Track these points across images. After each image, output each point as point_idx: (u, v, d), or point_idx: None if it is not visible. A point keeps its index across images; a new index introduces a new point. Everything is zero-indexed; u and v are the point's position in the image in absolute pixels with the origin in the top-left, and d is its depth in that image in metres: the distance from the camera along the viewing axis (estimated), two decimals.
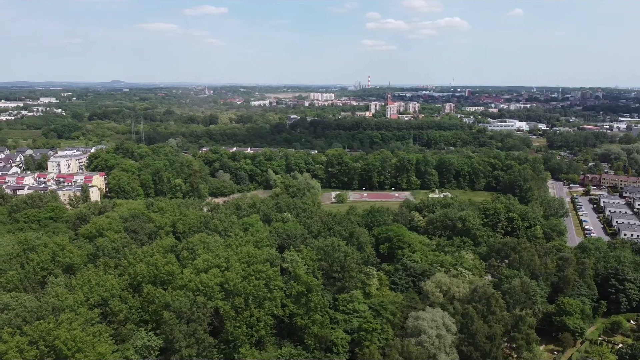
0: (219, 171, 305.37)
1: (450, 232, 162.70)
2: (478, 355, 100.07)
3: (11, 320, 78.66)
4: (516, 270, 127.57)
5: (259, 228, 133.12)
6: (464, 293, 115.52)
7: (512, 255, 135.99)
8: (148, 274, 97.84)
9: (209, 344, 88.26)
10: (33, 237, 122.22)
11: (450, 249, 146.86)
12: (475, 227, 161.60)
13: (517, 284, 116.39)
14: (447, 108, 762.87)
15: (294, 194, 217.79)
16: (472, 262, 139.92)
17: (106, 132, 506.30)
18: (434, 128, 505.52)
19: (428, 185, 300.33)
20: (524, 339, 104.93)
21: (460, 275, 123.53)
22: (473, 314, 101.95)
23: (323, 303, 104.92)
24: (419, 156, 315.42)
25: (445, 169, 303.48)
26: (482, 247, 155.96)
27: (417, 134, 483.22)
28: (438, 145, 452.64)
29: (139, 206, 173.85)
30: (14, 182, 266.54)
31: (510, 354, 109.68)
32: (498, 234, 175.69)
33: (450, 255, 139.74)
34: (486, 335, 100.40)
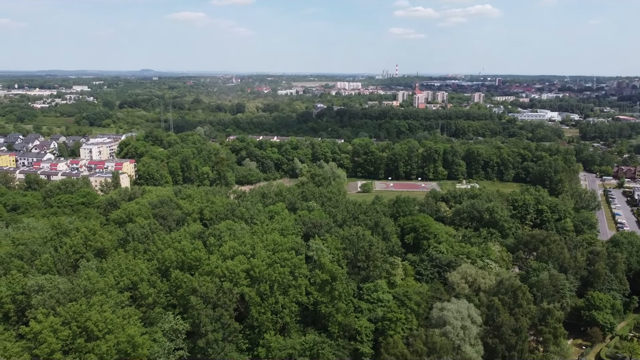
0: (245, 159, 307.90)
1: (477, 224, 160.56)
2: (503, 347, 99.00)
3: (45, 301, 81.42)
4: (544, 263, 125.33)
5: (284, 216, 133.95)
6: (490, 285, 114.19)
7: (541, 248, 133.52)
8: (176, 260, 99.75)
9: (234, 328, 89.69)
10: (66, 221, 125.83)
11: (476, 240, 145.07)
12: (503, 219, 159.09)
13: (545, 277, 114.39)
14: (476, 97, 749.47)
15: (319, 182, 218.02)
16: (499, 254, 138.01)
17: (136, 120, 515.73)
18: (462, 118, 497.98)
19: (455, 176, 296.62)
20: (552, 332, 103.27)
21: (486, 267, 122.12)
22: (499, 306, 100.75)
23: (347, 292, 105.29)
24: (447, 146, 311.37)
25: (474, 159, 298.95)
26: (509, 239, 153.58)
27: (445, 123, 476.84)
28: (466, 135, 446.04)
29: (167, 193, 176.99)
30: (48, 168, 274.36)
31: (536, 347, 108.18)
32: (526, 226, 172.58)
33: (477, 247, 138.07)
34: (512, 327, 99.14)
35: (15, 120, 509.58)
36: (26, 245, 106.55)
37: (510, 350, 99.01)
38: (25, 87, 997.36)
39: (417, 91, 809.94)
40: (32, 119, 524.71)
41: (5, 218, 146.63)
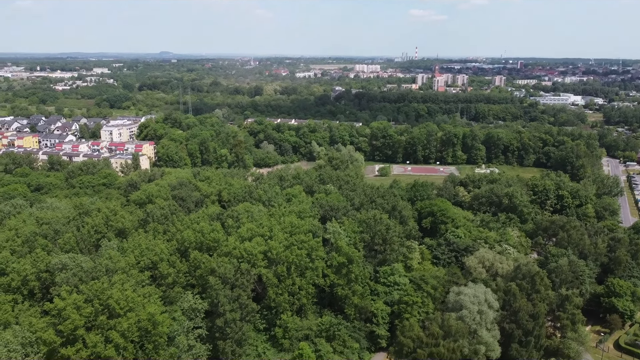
0: (263, 142, 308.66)
1: (496, 209, 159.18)
2: (520, 333, 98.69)
3: (69, 279, 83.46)
4: (564, 249, 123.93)
5: (302, 199, 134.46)
6: (508, 270, 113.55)
7: (560, 234, 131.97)
8: (195, 240, 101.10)
9: (252, 309, 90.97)
10: (88, 202, 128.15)
11: (495, 225, 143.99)
12: (523, 204, 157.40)
13: (565, 263, 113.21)
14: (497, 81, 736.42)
15: (337, 166, 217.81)
16: (517, 239, 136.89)
17: (155, 102, 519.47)
18: (482, 101, 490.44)
19: (474, 160, 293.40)
20: (570, 318, 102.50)
21: (504, 252, 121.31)
22: (516, 292, 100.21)
23: (364, 274, 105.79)
24: (466, 130, 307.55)
25: (493, 143, 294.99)
26: (528, 224, 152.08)
27: (464, 107, 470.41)
28: (486, 119, 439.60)
29: (186, 175, 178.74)
30: (70, 149, 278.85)
31: (554, 333, 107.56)
32: (546, 212, 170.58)
33: (495, 232, 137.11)
34: (529, 313, 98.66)
35: (37, 102, 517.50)
36: (50, 224, 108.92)
37: (527, 335, 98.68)
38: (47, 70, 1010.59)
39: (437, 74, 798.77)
40: (54, 101, 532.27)
41: (29, 198, 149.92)
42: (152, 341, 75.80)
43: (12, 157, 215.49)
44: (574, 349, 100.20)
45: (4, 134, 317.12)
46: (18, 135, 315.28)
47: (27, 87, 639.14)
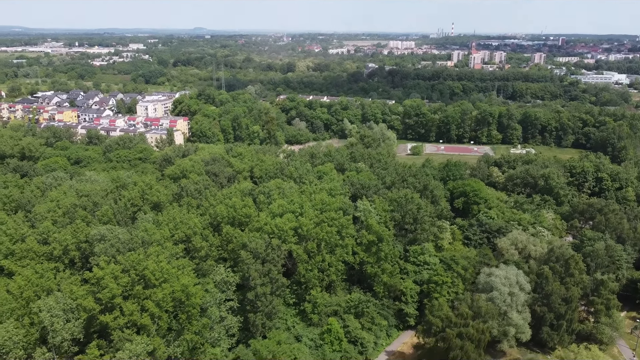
0: (295, 119, 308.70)
1: (531, 190, 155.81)
2: (552, 316, 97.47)
3: (107, 249, 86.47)
4: (601, 233, 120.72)
5: (333, 177, 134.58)
6: (541, 253, 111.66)
7: (598, 217, 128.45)
8: (227, 215, 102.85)
9: (282, 283, 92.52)
10: (124, 175, 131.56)
11: (529, 207, 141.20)
12: (559, 186, 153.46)
13: (601, 247, 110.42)
14: (536, 58, 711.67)
15: (368, 144, 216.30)
16: (552, 221, 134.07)
17: (189, 78, 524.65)
18: (520, 79, 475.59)
19: (510, 140, 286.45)
20: (604, 304, 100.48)
21: (538, 235, 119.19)
22: (549, 275, 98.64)
23: (393, 253, 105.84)
24: (502, 109, 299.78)
25: (530, 123, 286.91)
26: (564, 206, 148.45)
27: (501, 85, 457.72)
28: (524, 98, 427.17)
29: (219, 150, 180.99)
30: (107, 124, 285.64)
31: (587, 318, 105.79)
32: (584, 194, 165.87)
33: (529, 214, 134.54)
34: (562, 297, 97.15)
35: (76, 77, 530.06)
36: (89, 197, 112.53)
37: (559, 319, 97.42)
38: (85, 45, 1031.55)
39: (474, 51, 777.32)
40: (91, 76, 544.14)
41: (69, 171, 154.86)
42: (186, 311, 78.17)
43: (53, 130, 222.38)
44: (607, 334, 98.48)
45: (45, 108, 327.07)
46: (58, 109, 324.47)
47: (66, 63, 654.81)
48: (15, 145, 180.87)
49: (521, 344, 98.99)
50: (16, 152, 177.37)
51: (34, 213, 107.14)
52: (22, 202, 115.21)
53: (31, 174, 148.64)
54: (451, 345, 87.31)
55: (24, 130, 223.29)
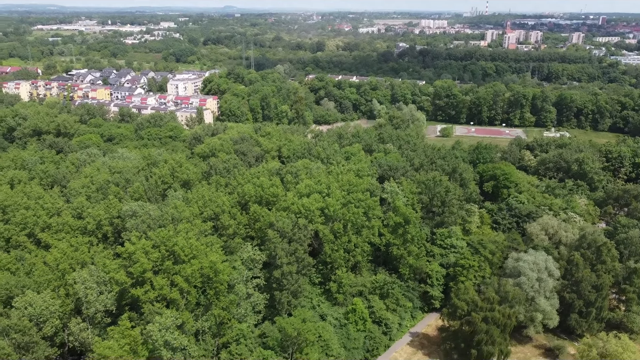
0: (323, 99, 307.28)
1: (564, 175, 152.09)
2: (581, 303, 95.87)
3: (138, 225, 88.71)
4: (636, 220, 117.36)
5: (360, 158, 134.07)
6: (572, 239, 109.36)
7: (633, 204, 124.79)
8: (255, 194, 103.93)
9: (308, 263, 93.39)
10: (155, 153, 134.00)
11: (561, 192, 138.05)
12: (593, 171, 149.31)
13: (635, 235, 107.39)
14: (574, 38, 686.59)
15: (397, 125, 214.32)
16: (585, 207, 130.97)
17: (219, 57, 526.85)
18: (556, 60, 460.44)
19: (543, 123, 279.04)
20: (636, 292, 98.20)
21: (570, 220, 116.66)
22: (579, 261, 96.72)
23: (420, 236, 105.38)
24: (537, 91, 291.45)
25: (566, 106, 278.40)
26: (598, 192, 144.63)
27: (536, 66, 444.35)
28: (560, 79, 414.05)
29: (247, 130, 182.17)
30: (139, 102, 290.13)
31: (617, 306, 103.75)
32: (619, 180, 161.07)
33: (561, 199, 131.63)
34: (592, 284, 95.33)
35: (109, 56, 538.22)
36: (121, 173, 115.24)
37: (588, 306, 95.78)
38: (118, 23, 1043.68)
39: (508, 30, 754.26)
40: (124, 54, 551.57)
41: (102, 147, 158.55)
42: (214, 287, 79.86)
43: (87, 108, 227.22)
44: (638, 324, 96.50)
45: (79, 86, 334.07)
46: (92, 87, 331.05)
47: (100, 41, 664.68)
48: (51, 122, 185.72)
49: (548, 330, 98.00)
50: (52, 129, 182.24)
51: (69, 188, 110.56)
52: (58, 178, 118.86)
53: (66, 150, 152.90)
54: (476, 329, 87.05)
55: (59, 108, 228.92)
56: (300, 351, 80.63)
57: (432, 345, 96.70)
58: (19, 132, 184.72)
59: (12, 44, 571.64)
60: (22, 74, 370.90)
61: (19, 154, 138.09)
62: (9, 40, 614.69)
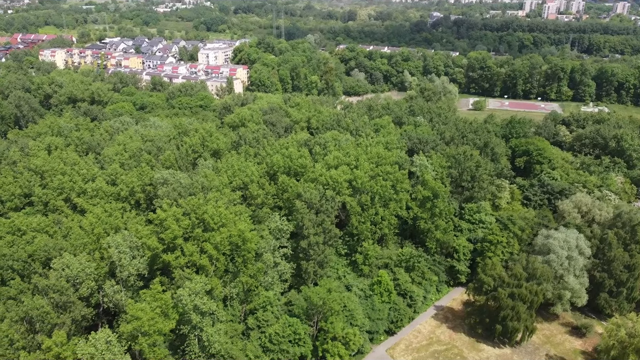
0: (354, 70, 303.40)
1: (600, 151, 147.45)
2: (612, 283, 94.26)
3: (169, 193, 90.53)
4: None
5: (390, 130, 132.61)
6: (606, 217, 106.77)
7: None
8: (283, 165, 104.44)
9: (334, 234, 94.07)
10: (186, 122, 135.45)
11: (596, 169, 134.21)
12: (632, 148, 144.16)
13: None
14: (619, 8, 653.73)
15: (429, 97, 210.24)
16: (621, 185, 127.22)
17: (249, 26, 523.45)
18: (599, 31, 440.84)
19: (581, 98, 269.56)
20: None
21: (604, 198, 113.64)
22: (613, 240, 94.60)
23: (448, 210, 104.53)
24: (576, 63, 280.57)
25: (606, 79, 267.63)
26: (636, 170, 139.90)
27: (576, 37, 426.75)
28: (601, 52, 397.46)
29: (277, 100, 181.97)
30: (170, 71, 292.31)
31: None
32: None
33: (596, 176, 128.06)
34: (625, 263, 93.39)
35: (141, 24, 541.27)
36: (153, 141, 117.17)
37: (619, 286, 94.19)
38: None
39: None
40: (155, 23, 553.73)
41: (135, 116, 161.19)
42: (242, 255, 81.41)
43: (120, 76, 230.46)
44: None
45: (112, 54, 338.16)
46: (124, 55, 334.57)
47: (132, 9, 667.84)
48: (86, 90, 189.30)
49: (576, 309, 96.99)
50: (86, 97, 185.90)
51: (103, 155, 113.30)
52: (92, 145, 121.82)
53: (100, 118, 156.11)
54: (502, 305, 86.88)
55: (93, 76, 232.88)
56: (325, 320, 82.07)
57: (456, 319, 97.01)
58: (55, 99, 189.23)
59: (47, 11, 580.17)
60: (57, 42, 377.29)
61: (55, 121, 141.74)
62: (45, 8, 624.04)
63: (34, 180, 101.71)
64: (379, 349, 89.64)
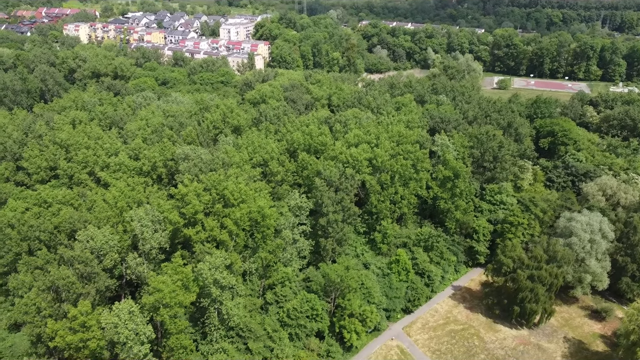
0: (376, 46, 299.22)
1: (629, 133, 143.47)
2: (634, 267, 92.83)
3: (190, 168, 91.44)
4: None
5: (411, 108, 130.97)
6: (632, 201, 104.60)
7: None
8: (303, 142, 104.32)
9: (353, 212, 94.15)
10: (207, 98, 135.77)
11: (624, 151, 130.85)
12: None
13: None
14: None
15: (452, 75, 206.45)
16: None
17: (271, 1, 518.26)
18: (632, 8, 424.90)
19: (611, 77, 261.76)
20: None
21: (631, 181, 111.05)
22: (638, 224, 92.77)
23: (469, 190, 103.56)
24: (606, 42, 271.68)
25: (638, 58, 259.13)
26: None
27: (608, 14, 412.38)
28: (633, 29, 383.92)
29: (298, 77, 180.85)
30: (192, 46, 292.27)
31: None
32: None
33: (623, 159, 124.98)
34: None
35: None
36: (175, 117, 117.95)
37: None
38: None
39: None
40: None
41: (157, 91, 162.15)
42: (261, 231, 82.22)
43: (142, 51, 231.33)
44: None
45: (134, 29, 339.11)
46: (147, 30, 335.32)
47: None
48: (109, 64, 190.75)
49: (596, 292, 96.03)
50: (110, 71, 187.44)
51: (126, 130, 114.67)
52: (116, 119, 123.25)
53: (123, 93, 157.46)
54: (520, 287, 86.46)
55: (116, 51, 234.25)
56: (343, 297, 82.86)
57: (474, 299, 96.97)
58: (79, 73, 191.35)
59: None
60: (81, 16, 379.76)
61: (79, 96, 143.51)
62: None
63: (59, 154, 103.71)
64: (396, 326, 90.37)
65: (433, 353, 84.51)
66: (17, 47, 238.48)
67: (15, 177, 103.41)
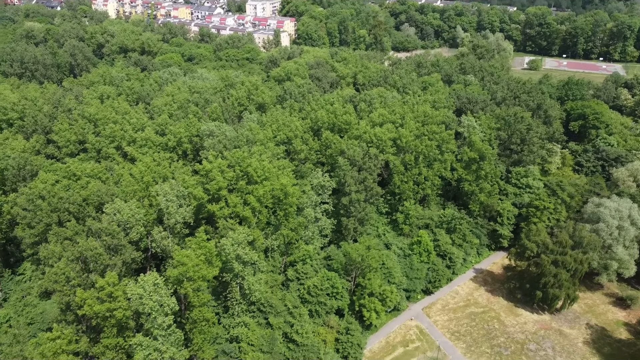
0: (404, 24, 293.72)
1: None
2: None
3: (215, 145, 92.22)
4: None
5: (438, 88, 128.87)
6: None
7: None
8: (327, 121, 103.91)
9: (376, 192, 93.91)
10: (233, 75, 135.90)
11: None
12: None
13: None
14: None
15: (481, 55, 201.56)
16: None
17: None
18: None
19: None
20: None
21: None
22: None
23: (494, 173, 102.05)
24: None
25: None
26: None
27: None
28: None
29: (323, 54, 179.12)
30: (218, 22, 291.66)
31: None
32: None
33: None
34: None
35: None
36: (200, 93, 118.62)
37: None
38: None
39: None
40: None
41: (183, 67, 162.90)
42: (283, 209, 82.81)
43: (169, 27, 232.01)
44: None
45: (161, 4, 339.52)
46: (174, 5, 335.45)
47: None
48: (136, 40, 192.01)
49: (622, 280, 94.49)
50: (137, 47, 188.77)
51: (152, 105, 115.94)
52: (142, 95, 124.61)
53: (149, 69, 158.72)
54: (544, 271, 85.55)
55: (143, 26, 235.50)
56: (363, 276, 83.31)
57: (495, 282, 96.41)
58: (107, 49, 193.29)
59: None
60: None
61: (107, 71, 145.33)
62: None
63: (87, 128, 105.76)
64: (416, 307, 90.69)
65: (452, 334, 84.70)
66: (47, 21, 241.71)
67: (46, 150, 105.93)
